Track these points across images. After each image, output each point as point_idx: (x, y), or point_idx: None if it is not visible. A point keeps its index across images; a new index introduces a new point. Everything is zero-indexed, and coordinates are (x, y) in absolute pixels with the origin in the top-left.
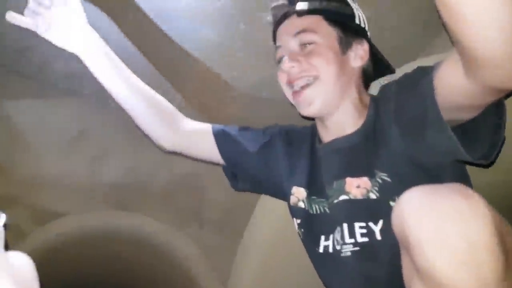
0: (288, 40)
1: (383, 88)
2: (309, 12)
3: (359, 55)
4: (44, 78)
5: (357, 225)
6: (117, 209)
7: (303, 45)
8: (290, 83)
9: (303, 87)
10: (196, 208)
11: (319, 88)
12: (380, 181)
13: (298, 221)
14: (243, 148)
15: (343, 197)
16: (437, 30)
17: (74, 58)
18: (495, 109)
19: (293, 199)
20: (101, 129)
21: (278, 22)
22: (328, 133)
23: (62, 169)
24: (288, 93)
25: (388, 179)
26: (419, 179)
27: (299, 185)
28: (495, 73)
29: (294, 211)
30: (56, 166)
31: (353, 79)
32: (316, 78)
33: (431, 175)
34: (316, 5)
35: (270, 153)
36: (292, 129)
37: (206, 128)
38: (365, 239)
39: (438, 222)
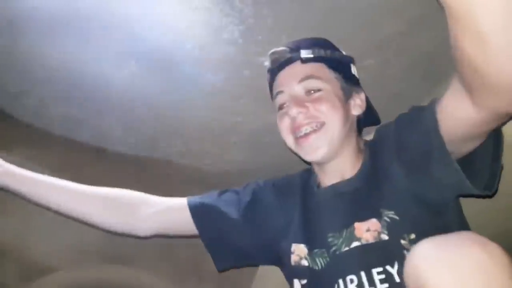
0: (293, 86)
1: (379, 130)
2: (314, 59)
3: (357, 103)
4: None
5: (374, 271)
6: (111, 263)
7: (308, 91)
8: (296, 130)
9: (309, 133)
10: (195, 261)
11: (326, 135)
12: (388, 219)
13: (304, 281)
14: (225, 218)
15: (355, 244)
16: (438, 79)
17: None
18: (492, 138)
19: (294, 258)
20: (97, 176)
21: (278, 68)
22: (326, 178)
23: (53, 220)
24: (289, 139)
25: (396, 217)
26: (425, 216)
27: (298, 242)
28: (508, 97)
29: (297, 271)
30: (46, 217)
31: (354, 124)
32: (322, 124)
33: (436, 211)
34: (322, 53)
35: (257, 213)
36: (278, 180)
37: (181, 204)
38: (385, 285)
39: (459, 277)
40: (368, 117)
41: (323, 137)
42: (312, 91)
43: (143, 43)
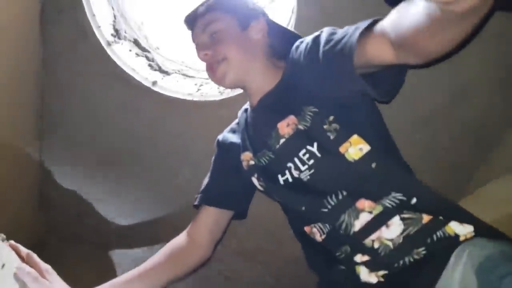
0: (200, 36)
1: (297, 46)
2: (208, 10)
3: (257, 29)
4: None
5: (300, 153)
6: None
7: (211, 35)
8: (209, 69)
9: (215, 68)
10: None
11: (229, 64)
12: (310, 113)
13: (255, 175)
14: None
15: (282, 140)
16: (490, 145)
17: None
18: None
19: (244, 164)
20: None
21: (191, 30)
22: (254, 98)
23: None
24: (210, 77)
25: (316, 109)
26: (339, 105)
27: (244, 151)
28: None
29: (249, 171)
30: None
31: (259, 47)
32: (224, 58)
33: (348, 103)
34: (211, 3)
35: (226, 150)
36: (230, 127)
37: (203, 211)
38: (312, 161)
39: None
40: (283, 41)
41: (226, 67)
42: (213, 34)
43: None
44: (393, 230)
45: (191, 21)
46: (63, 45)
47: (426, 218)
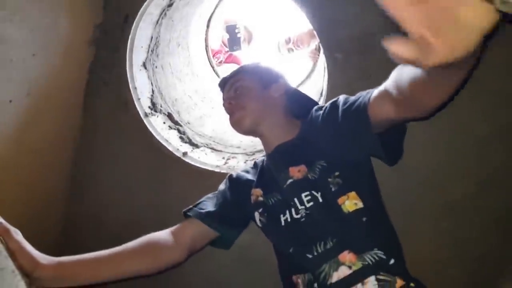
0: (227, 92)
1: (315, 109)
2: (236, 73)
3: (276, 89)
4: None
5: (303, 195)
6: None
7: (236, 90)
8: (229, 114)
9: (233, 113)
10: None
11: (245, 111)
12: (319, 166)
13: (260, 210)
14: (223, 204)
15: (289, 181)
16: None
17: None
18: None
19: (253, 198)
20: None
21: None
22: (270, 146)
23: None
24: (230, 121)
25: (325, 164)
26: (347, 162)
27: (256, 187)
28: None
29: (256, 205)
30: None
31: (277, 103)
32: (242, 108)
33: (354, 161)
34: (240, 69)
35: (238, 184)
36: (244, 168)
37: (190, 221)
38: (311, 203)
39: None
40: (301, 103)
41: (243, 113)
42: (238, 90)
43: None
44: None
45: (223, 83)
46: (103, 114)
47: (399, 283)
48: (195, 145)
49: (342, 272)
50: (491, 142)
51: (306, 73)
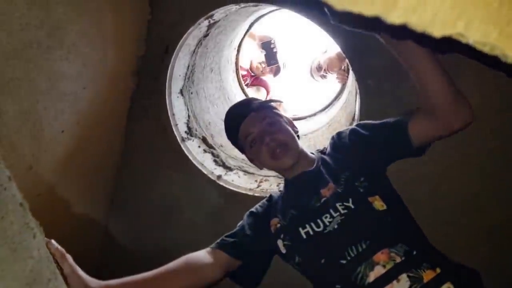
0: (258, 126)
1: (335, 135)
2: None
3: (294, 124)
4: None
5: (338, 205)
6: None
7: (269, 124)
8: (273, 153)
9: (280, 152)
10: None
11: (290, 149)
12: (343, 177)
13: (281, 236)
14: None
15: (323, 199)
16: None
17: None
18: None
19: (272, 228)
20: None
21: (238, 123)
22: (292, 174)
23: None
24: (269, 161)
25: (348, 173)
26: (370, 172)
27: (273, 218)
28: (449, 121)
29: (276, 233)
30: None
31: (296, 137)
32: (286, 144)
33: (375, 172)
34: (263, 103)
35: (257, 223)
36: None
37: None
38: (346, 210)
39: None
40: None
41: (289, 151)
42: (271, 124)
43: None
44: (402, 284)
45: (241, 116)
46: (143, 139)
47: (428, 274)
48: (228, 168)
49: (378, 271)
50: None
51: (334, 94)
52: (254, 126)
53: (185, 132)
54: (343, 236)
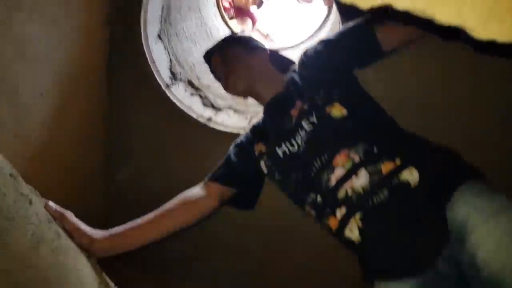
0: (218, 64)
1: (303, 53)
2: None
3: (260, 52)
4: None
5: (303, 122)
6: None
7: (225, 62)
8: (224, 85)
9: (227, 80)
10: None
11: (235, 75)
12: (308, 93)
13: (261, 149)
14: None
15: (294, 121)
16: None
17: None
18: None
19: (257, 152)
20: None
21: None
22: (265, 100)
23: None
24: (225, 90)
25: (313, 88)
26: (329, 83)
27: (257, 143)
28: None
29: (259, 156)
30: None
31: (262, 64)
32: (233, 72)
33: (337, 79)
34: (223, 43)
35: (242, 150)
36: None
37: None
38: (310, 126)
39: None
40: (282, 62)
41: (234, 77)
42: (225, 59)
43: None
44: (361, 178)
45: (208, 56)
46: (128, 90)
47: (384, 168)
48: (217, 109)
49: (338, 173)
50: None
51: (322, 18)
52: (216, 66)
53: (169, 77)
54: (310, 151)
